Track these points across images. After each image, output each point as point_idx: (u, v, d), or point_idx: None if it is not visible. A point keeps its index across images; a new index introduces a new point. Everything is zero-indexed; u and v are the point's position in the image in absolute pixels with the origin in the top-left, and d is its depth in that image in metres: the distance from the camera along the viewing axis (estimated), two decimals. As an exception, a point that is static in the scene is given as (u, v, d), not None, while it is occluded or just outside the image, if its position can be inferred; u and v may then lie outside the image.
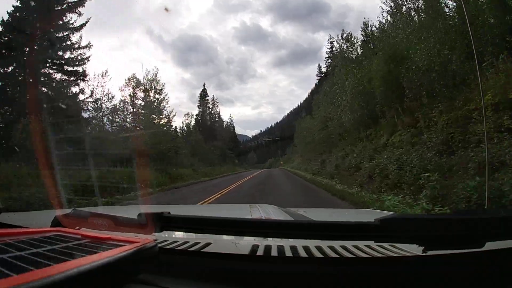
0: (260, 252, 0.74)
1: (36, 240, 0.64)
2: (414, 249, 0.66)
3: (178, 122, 42.68)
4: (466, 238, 0.58)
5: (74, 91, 16.43)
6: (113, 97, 18.95)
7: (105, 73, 17.92)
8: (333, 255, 0.72)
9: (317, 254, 0.72)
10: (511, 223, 0.60)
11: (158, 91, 22.09)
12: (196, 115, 44.23)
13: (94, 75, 17.32)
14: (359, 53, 17.20)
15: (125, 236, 0.71)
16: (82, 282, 0.45)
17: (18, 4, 14.29)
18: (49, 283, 0.41)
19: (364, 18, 19.93)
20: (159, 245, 0.70)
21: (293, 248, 0.75)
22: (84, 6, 15.98)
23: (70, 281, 0.43)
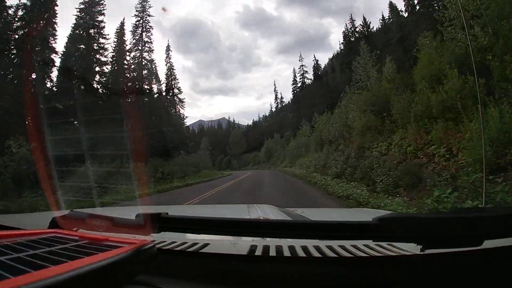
0: (258, 252, 0.74)
1: (33, 242, 0.64)
2: (412, 248, 0.66)
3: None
4: (464, 237, 0.58)
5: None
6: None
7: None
8: (332, 254, 0.72)
9: (316, 254, 0.72)
10: (509, 221, 0.60)
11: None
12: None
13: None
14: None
15: (123, 237, 0.71)
16: (80, 283, 0.45)
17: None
18: (46, 285, 0.41)
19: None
20: (157, 245, 0.69)
21: (292, 248, 0.75)
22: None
23: (68, 283, 0.43)
